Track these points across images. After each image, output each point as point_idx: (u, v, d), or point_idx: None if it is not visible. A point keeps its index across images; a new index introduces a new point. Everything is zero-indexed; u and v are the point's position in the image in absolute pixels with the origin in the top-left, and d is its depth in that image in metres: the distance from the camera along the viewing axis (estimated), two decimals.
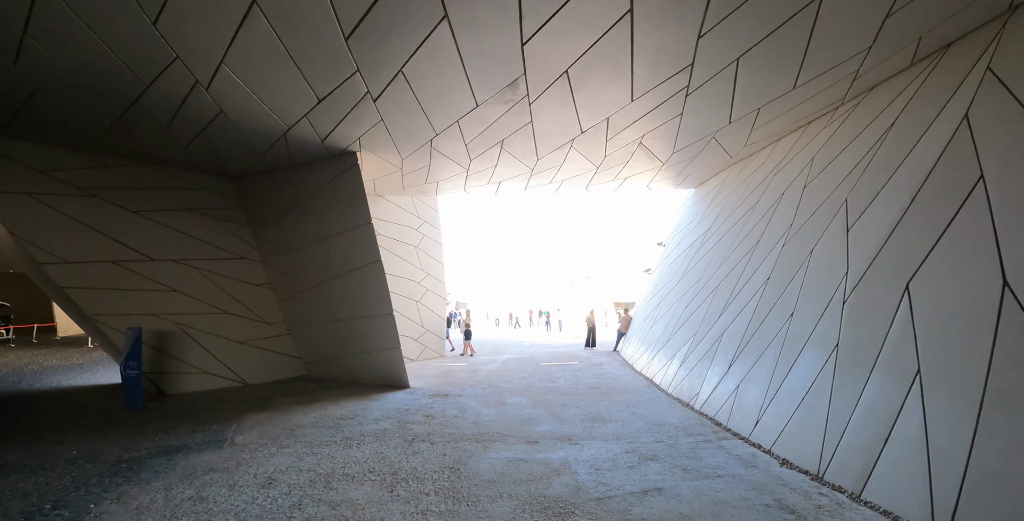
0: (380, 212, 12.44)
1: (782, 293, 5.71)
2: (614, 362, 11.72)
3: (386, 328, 8.38)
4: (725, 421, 5.73)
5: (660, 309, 10.39)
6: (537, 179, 10.06)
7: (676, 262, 10.82)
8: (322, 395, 8.13)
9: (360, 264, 8.43)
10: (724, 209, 8.88)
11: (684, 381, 7.26)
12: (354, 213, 8.26)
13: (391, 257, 12.47)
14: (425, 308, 13.16)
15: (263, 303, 9.98)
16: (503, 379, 9.27)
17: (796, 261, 5.69)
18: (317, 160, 8.45)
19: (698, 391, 6.69)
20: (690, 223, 11.26)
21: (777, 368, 5.23)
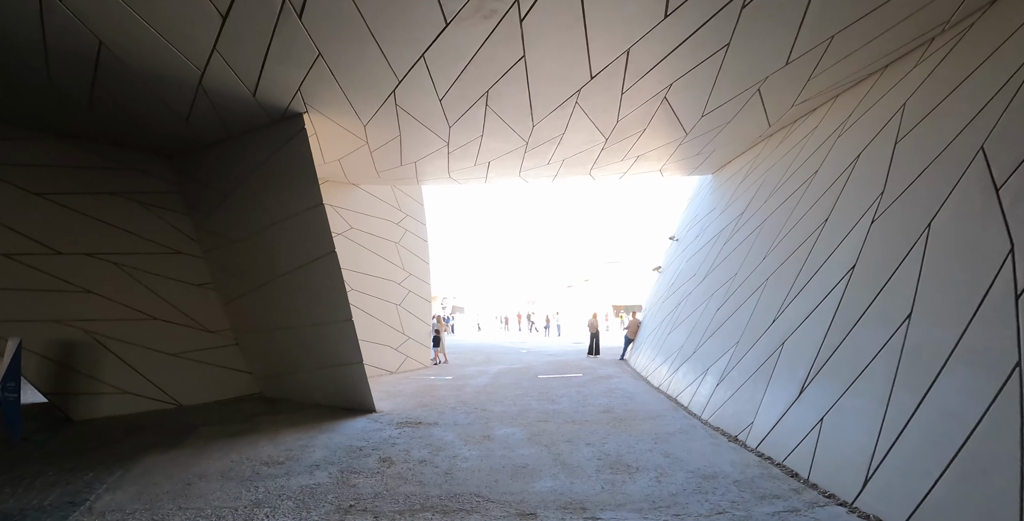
0: (354, 203, 10.65)
1: (882, 287, 3.93)
2: (623, 374, 9.90)
3: (344, 338, 6.55)
4: (804, 471, 3.92)
5: (680, 312, 8.60)
6: (533, 158, 8.30)
7: (696, 257, 9.05)
8: (262, 423, 6.29)
9: (311, 257, 6.61)
10: (760, 190, 7.13)
11: (727, 406, 5.45)
12: (302, 192, 6.46)
13: (367, 255, 10.67)
14: (407, 313, 11.33)
15: (204, 307, 8.14)
16: (493, 398, 7.44)
17: (903, 240, 3.92)
18: (258, 128, 6.66)
19: (751, 421, 4.88)
20: (710, 212, 9.51)
21: (894, 398, 3.43)
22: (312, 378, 7.36)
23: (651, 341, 10.03)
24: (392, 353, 10.79)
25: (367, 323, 10.28)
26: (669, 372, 7.77)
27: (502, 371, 10.66)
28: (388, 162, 8.48)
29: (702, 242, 9.11)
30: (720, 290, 6.99)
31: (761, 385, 4.96)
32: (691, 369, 6.88)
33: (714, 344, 6.45)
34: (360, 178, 10.00)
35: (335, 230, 10.11)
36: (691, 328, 7.58)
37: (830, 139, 5.72)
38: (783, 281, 5.38)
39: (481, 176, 9.72)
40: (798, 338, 4.70)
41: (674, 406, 6.59)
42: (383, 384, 9.05)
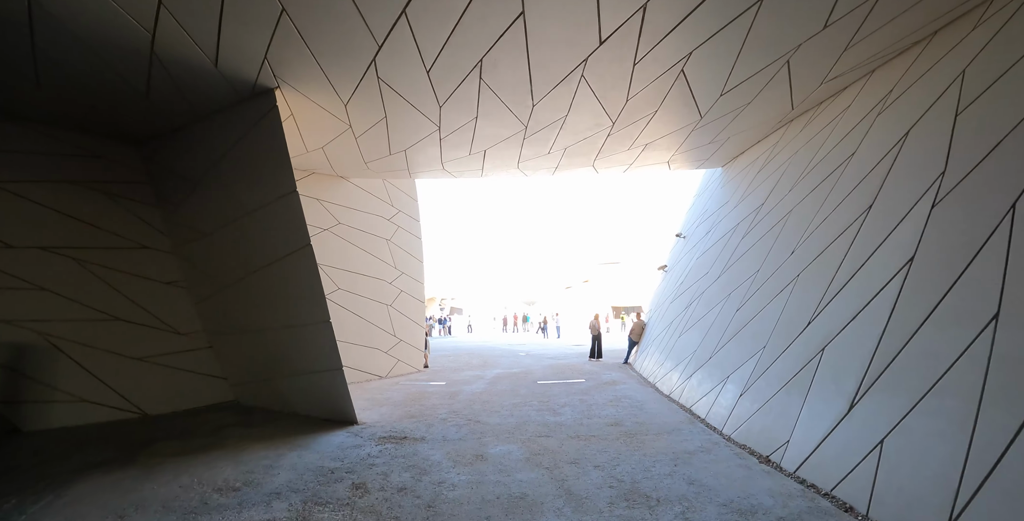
0: (342, 197, 9.94)
1: (954, 281, 3.23)
2: (629, 380, 9.18)
3: (321, 342, 5.83)
4: (862, 505, 3.20)
5: (691, 314, 7.89)
6: (533, 146, 7.60)
7: (708, 255, 8.35)
8: (229, 437, 5.56)
9: (284, 252, 5.89)
10: (782, 180, 6.44)
11: (755, 421, 4.73)
12: (274, 179, 5.74)
13: (356, 252, 9.95)
14: (399, 314, 10.60)
15: (174, 307, 7.41)
16: (488, 408, 6.71)
17: (978, 226, 3.22)
18: (228, 108, 5.95)
19: (785, 440, 4.16)
20: (722, 206, 8.81)
21: (983, 418, 2.72)
22: (289, 385, 6.63)
23: (658, 344, 9.32)
24: (382, 357, 10.05)
25: (355, 325, 9.56)
26: (681, 379, 7.05)
27: (499, 376, 9.92)
28: (376, 150, 7.77)
29: (714, 238, 8.41)
30: (739, 289, 6.28)
31: (797, 397, 4.24)
32: (707, 376, 6.16)
33: (734, 349, 5.73)
34: (348, 170, 9.29)
35: (321, 225, 9.40)
36: (705, 331, 6.87)
37: (868, 118, 5.02)
38: (818, 278, 4.67)
39: (477, 167, 9.02)
40: (843, 343, 3.99)
41: (689, 418, 5.87)
42: (371, 390, 8.32)
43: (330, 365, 5.87)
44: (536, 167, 9.14)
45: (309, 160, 8.49)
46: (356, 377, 9.42)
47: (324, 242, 9.37)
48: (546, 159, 8.43)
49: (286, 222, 5.73)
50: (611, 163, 8.95)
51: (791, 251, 5.36)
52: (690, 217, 11.70)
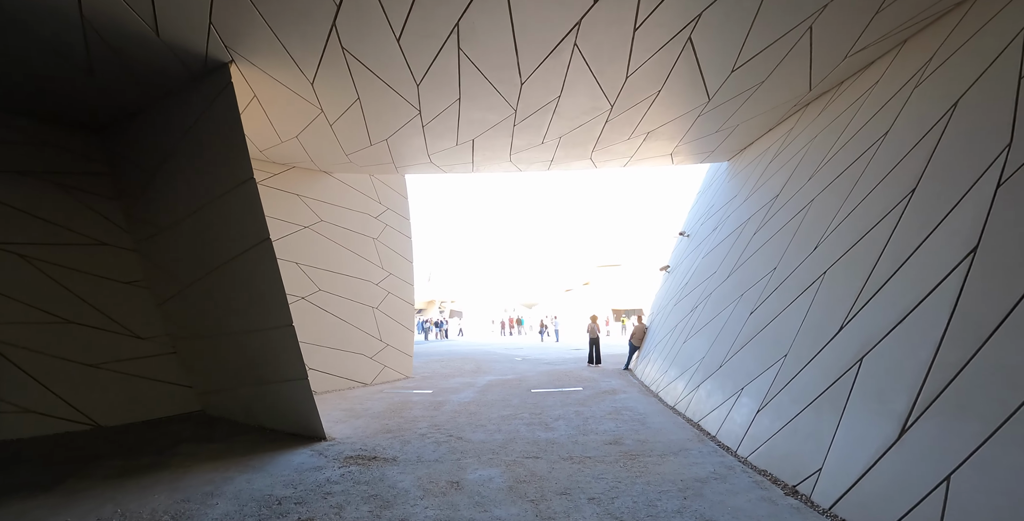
0: (325, 192, 9.30)
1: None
2: (630, 388, 8.47)
3: (284, 348, 5.16)
4: None
5: (697, 317, 7.19)
6: (525, 135, 6.94)
7: (716, 253, 7.66)
8: (180, 454, 4.89)
9: (243, 247, 5.24)
10: (800, 168, 5.76)
11: (776, 442, 4.02)
12: (230, 166, 5.09)
13: (339, 252, 9.30)
14: (385, 317, 9.93)
15: (134, 309, 6.75)
16: (474, 421, 6.02)
17: None
18: (182, 88, 5.31)
19: (817, 468, 3.46)
20: (729, 201, 8.14)
21: None
22: (254, 395, 5.96)
23: (661, 350, 8.62)
24: (367, 363, 9.38)
25: (338, 328, 8.89)
26: (687, 389, 6.35)
27: (491, 384, 9.23)
28: (355, 140, 7.12)
29: (721, 235, 7.72)
30: (752, 290, 5.59)
31: (829, 417, 3.54)
32: (718, 387, 5.46)
33: (749, 357, 5.04)
34: (330, 164, 8.65)
35: (302, 222, 8.75)
36: (714, 335, 6.18)
37: (903, 92, 4.34)
38: (850, 275, 3.98)
39: (467, 160, 8.37)
40: (887, 352, 3.30)
41: (698, 435, 5.16)
42: (350, 400, 7.63)
43: (294, 374, 5.19)
44: (530, 160, 8.48)
45: (287, 153, 7.86)
46: (338, 385, 8.75)
47: (305, 240, 8.73)
48: (540, 150, 7.78)
49: (243, 214, 5.07)
50: (610, 155, 8.28)
51: (814, 245, 4.67)
52: (694, 214, 11.02)
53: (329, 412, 6.68)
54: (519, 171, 9.55)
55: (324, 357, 8.58)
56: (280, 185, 8.63)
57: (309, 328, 8.44)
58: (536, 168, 9.26)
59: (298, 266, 8.52)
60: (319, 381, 8.42)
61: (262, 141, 7.20)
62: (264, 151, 7.79)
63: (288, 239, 8.48)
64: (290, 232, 8.54)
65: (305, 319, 8.41)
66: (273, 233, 8.51)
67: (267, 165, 8.46)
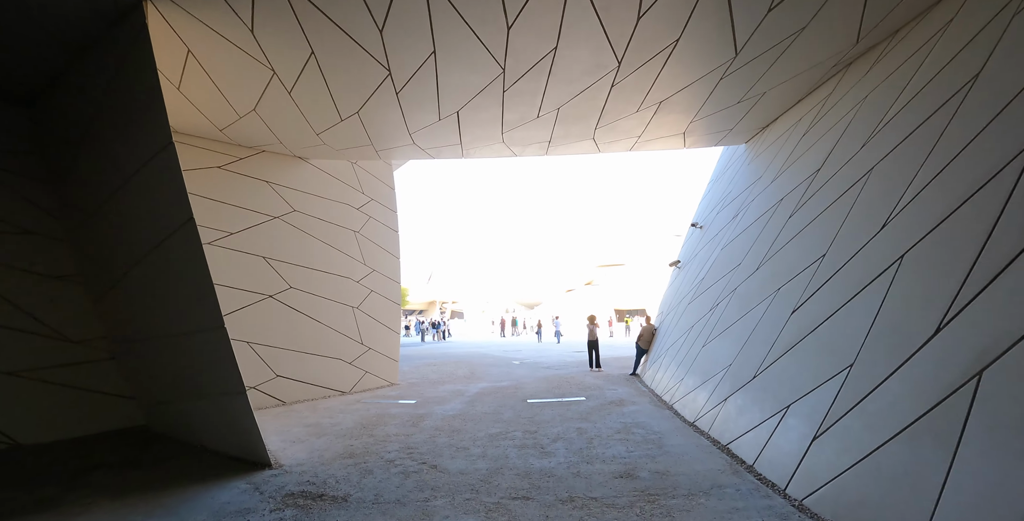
0: (299, 180, 8.31)
1: None
2: (639, 397, 7.43)
3: (216, 355, 4.15)
4: None
5: (719, 316, 6.15)
6: (517, 103, 5.92)
7: (738, 243, 6.62)
8: (87, 484, 3.91)
9: (165, 232, 4.23)
10: (848, 134, 4.72)
11: (847, 482, 2.98)
12: (146, 129, 4.10)
13: (315, 245, 8.31)
14: (367, 318, 8.92)
15: (65, 308, 5.77)
16: (456, 441, 4.99)
17: None
18: (96, 40, 4.32)
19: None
20: (751, 185, 7.10)
21: None
22: (194, 410, 4.96)
23: (674, 354, 7.57)
24: (345, 369, 8.36)
25: (311, 331, 7.89)
26: (710, 402, 5.30)
27: (483, 392, 8.19)
28: (323, 114, 6.13)
29: (743, 223, 6.68)
30: (793, 283, 4.55)
31: (935, 451, 2.50)
32: (752, 402, 4.42)
33: (795, 366, 3.99)
34: (303, 147, 7.67)
35: (270, 212, 7.76)
36: (743, 338, 5.13)
37: (996, 23, 3.30)
38: (946, 257, 2.93)
39: (454, 141, 7.36)
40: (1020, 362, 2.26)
41: (730, 463, 4.12)
42: (319, 412, 6.62)
43: (230, 387, 4.18)
44: (526, 140, 7.47)
45: (251, 133, 6.88)
46: (312, 394, 7.74)
47: (274, 232, 7.73)
48: (536, 127, 6.76)
49: (164, 190, 4.07)
50: (616, 134, 7.26)
51: (880, 224, 3.63)
52: (706, 204, 9.98)
53: (289, 428, 5.67)
54: (514, 155, 8.54)
55: (295, 363, 7.58)
56: (246, 170, 7.64)
57: (277, 330, 7.45)
58: (533, 151, 8.25)
59: (265, 260, 7.53)
60: (288, 390, 7.42)
61: (218, 116, 6.22)
62: (225, 130, 6.81)
63: (255, 231, 7.49)
64: (257, 223, 7.55)
65: (273, 320, 7.42)
66: (237, 223, 7.57)
67: (231, 148, 7.48)
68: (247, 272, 7.28)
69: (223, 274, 6.99)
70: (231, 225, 7.25)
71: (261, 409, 6.89)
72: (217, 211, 7.16)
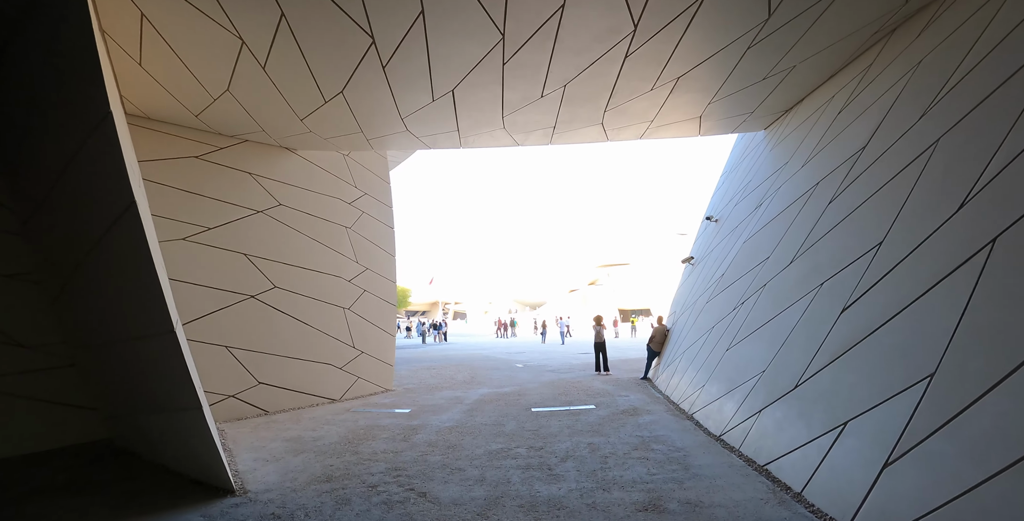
0: (285, 172, 7.73)
1: None
2: (654, 404, 6.79)
3: (168, 364, 3.55)
4: None
5: (746, 316, 5.51)
6: (518, 81, 5.32)
7: (766, 234, 5.99)
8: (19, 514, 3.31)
9: (105, 219, 3.63)
10: (903, 101, 4.09)
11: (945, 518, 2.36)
12: (84, 99, 3.51)
13: (302, 242, 7.72)
14: (360, 320, 8.32)
15: (17, 309, 5.19)
16: (451, 461, 4.37)
17: None
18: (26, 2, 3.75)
19: None
20: (777, 171, 6.47)
21: None
22: (151, 425, 4.36)
23: (692, 357, 6.93)
24: (335, 375, 7.76)
25: (298, 334, 7.29)
26: (740, 413, 4.66)
27: (484, 399, 7.57)
28: (303, 94, 5.54)
29: (770, 212, 6.04)
30: (842, 277, 3.91)
31: None
32: (796, 417, 3.78)
33: (850, 375, 3.36)
34: (288, 136, 7.09)
35: (253, 205, 7.18)
36: (777, 340, 4.50)
37: None
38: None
39: (451, 127, 6.76)
40: None
41: (772, 490, 3.48)
42: (303, 423, 6.02)
43: (185, 401, 3.57)
44: (528, 126, 6.86)
45: (230, 119, 6.31)
46: (298, 402, 7.14)
47: (257, 227, 7.14)
48: (540, 109, 6.15)
49: (104, 171, 3.48)
50: (627, 119, 6.65)
51: (957, 203, 3.00)
52: (721, 197, 9.35)
53: (266, 444, 5.07)
54: (516, 145, 7.94)
55: (279, 369, 6.98)
56: (227, 161, 7.06)
57: (260, 333, 6.85)
58: (536, 139, 7.64)
59: (247, 257, 6.94)
60: (271, 399, 6.82)
61: (190, 98, 5.64)
62: (201, 115, 6.24)
63: (236, 226, 6.90)
64: (238, 217, 6.97)
65: (255, 322, 6.83)
66: (216, 218, 6.98)
67: (210, 137, 6.91)
68: (227, 270, 6.69)
69: (199, 272, 6.41)
70: (209, 219, 6.67)
71: (240, 420, 6.29)
72: (194, 204, 6.58)
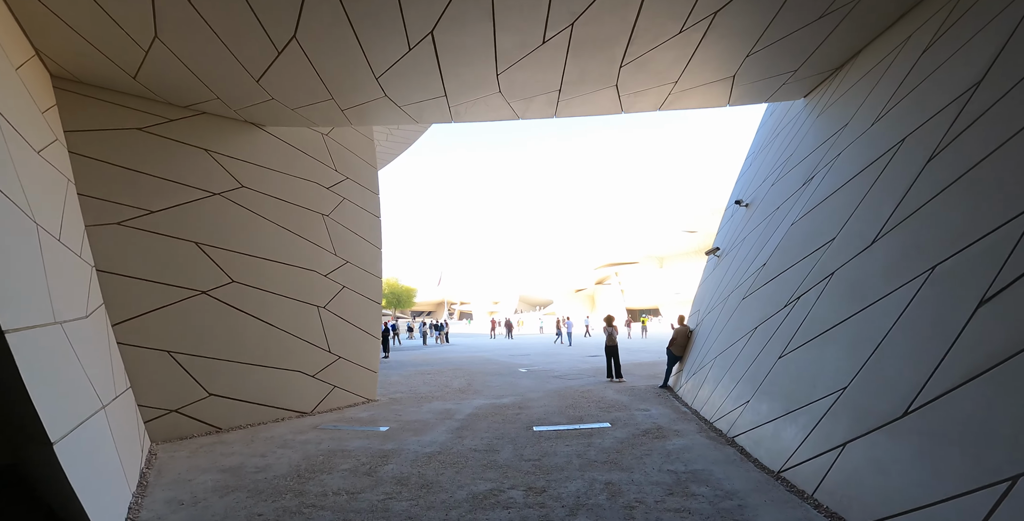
0: (252, 152, 6.67)
1: None
2: (683, 422, 5.62)
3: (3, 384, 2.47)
4: None
5: (806, 315, 4.31)
6: (512, 20, 4.20)
7: (822, 213, 4.79)
8: None
9: None
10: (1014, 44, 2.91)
11: None
12: None
13: (269, 230, 6.65)
14: (338, 320, 7.23)
15: None
16: (421, 509, 3.23)
17: None
18: None
19: None
20: (824, 142, 5.28)
21: None
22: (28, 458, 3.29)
23: (726, 365, 5.75)
24: (307, 384, 6.67)
25: (261, 336, 6.22)
26: (811, 443, 3.48)
27: (478, 413, 6.43)
28: (251, 44, 4.45)
29: (828, 186, 4.84)
30: (969, 256, 2.73)
31: None
32: (915, 457, 2.60)
33: (1005, 395, 2.18)
34: (252, 107, 6.03)
35: (209, 187, 6.13)
36: (864, 346, 3.31)
37: None
38: None
39: (437, 91, 5.65)
40: None
41: None
42: (256, 445, 4.92)
43: (31, 432, 2.49)
44: (528, 89, 5.75)
45: (174, 81, 5.26)
46: (260, 416, 6.06)
47: (212, 211, 6.08)
48: (542, 64, 5.02)
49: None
50: (646, 78, 5.50)
51: None
52: (750, 179, 8.16)
53: (197, 476, 3.97)
54: (516, 116, 6.82)
55: (236, 377, 5.90)
56: (178, 135, 6.01)
57: (213, 335, 5.78)
58: (539, 110, 6.51)
59: (198, 246, 5.87)
60: (226, 413, 5.74)
61: (118, 51, 4.58)
62: (140, 77, 5.19)
63: (185, 210, 5.85)
64: (189, 199, 5.91)
65: (207, 322, 5.76)
66: (161, 199, 5.83)
67: (157, 106, 5.86)
68: (172, 261, 5.63)
69: (134, 262, 5.35)
70: (152, 201, 5.61)
71: (184, 440, 5.21)
72: (133, 183, 5.53)
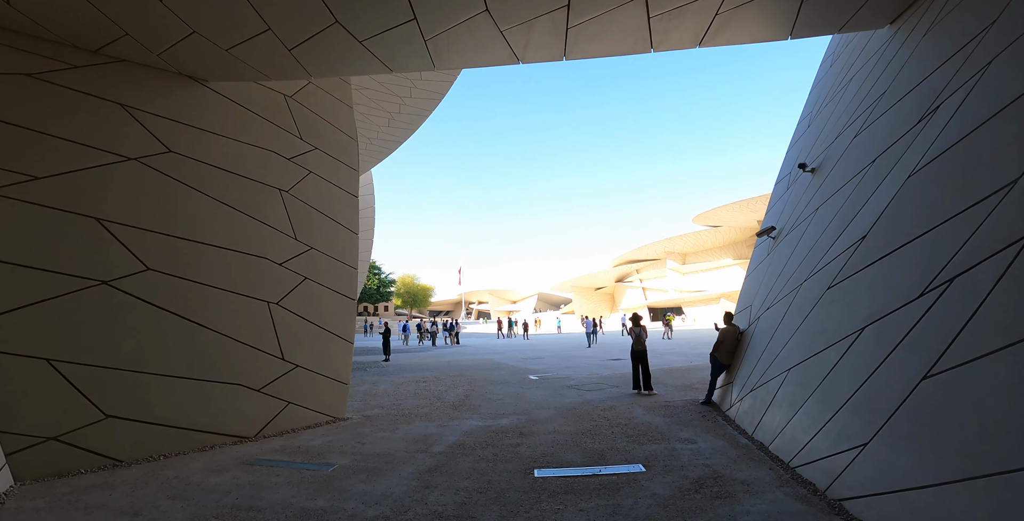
0: (189, 112, 5.31)
1: None
2: (745, 461, 3.98)
3: None
4: None
5: (966, 317, 2.67)
6: None
7: (966, 157, 3.11)
8: None
9: None
10: None
11: None
12: None
13: (200, 203, 5.28)
14: (295, 318, 5.80)
15: None
16: None
17: None
18: None
19: None
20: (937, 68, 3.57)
21: None
22: None
23: (808, 380, 4.08)
24: (251, 400, 5.24)
25: (186, 338, 4.83)
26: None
27: (465, 442, 4.88)
28: None
29: (969, 118, 3.15)
30: None
31: None
32: None
33: None
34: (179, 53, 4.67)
35: (123, 150, 4.80)
36: None
37: None
38: None
39: (403, 10, 4.17)
40: None
41: None
42: (146, 489, 3.50)
43: None
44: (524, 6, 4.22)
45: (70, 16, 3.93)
46: (181, 444, 4.65)
47: (124, 180, 4.72)
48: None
49: None
50: None
51: None
52: (812, 141, 6.44)
53: None
54: (515, 60, 5.30)
55: (149, 393, 4.52)
56: (84, 86, 4.68)
57: (117, 338, 4.41)
58: (542, 43, 4.97)
59: (100, 223, 4.52)
60: (129, 441, 4.35)
61: None
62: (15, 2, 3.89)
63: (84, 176, 4.50)
64: (93, 164, 4.56)
65: (108, 321, 4.39)
66: (52, 164, 3.85)
67: (58, 50, 4.56)
68: (62, 242, 4.29)
69: (8, 243, 4.02)
70: (38, 166, 4.28)
71: (66, 477, 3.84)
72: (14, 141, 4.22)
